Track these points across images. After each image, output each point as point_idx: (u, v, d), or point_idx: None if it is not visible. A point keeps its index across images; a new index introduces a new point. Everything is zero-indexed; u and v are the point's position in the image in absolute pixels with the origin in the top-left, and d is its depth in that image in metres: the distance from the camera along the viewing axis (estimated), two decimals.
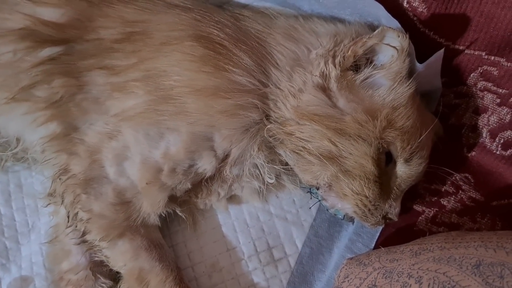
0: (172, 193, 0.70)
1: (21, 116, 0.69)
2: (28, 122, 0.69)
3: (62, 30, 0.68)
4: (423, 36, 0.73)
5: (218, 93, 0.64)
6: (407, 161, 0.67)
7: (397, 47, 0.63)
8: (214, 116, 0.65)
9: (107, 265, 0.70)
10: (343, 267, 0.68)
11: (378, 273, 0.62)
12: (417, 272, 0.57)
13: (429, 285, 0.54)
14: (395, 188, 0.68)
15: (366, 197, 0.66)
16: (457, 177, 0.76)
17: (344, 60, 0.65)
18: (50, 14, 0.68)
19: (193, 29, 0.67)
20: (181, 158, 0.66)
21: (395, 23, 0.67)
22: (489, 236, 0.60)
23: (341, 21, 0.74)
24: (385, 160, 0.66)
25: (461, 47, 0.73)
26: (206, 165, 0.68)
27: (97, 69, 0.67)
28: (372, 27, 0.71)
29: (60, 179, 0.70)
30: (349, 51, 0.65)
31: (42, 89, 0.67)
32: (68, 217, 0.70)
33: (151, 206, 0.68)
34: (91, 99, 0.67)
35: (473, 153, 0.77)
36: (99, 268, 0.72)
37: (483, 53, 0.71)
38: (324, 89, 0.66)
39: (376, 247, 0.74)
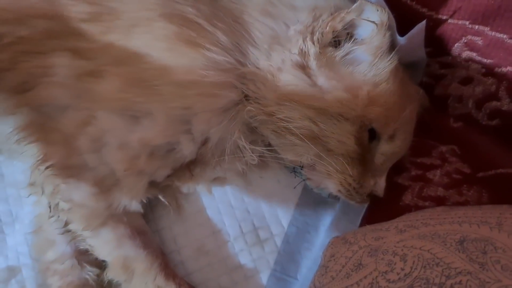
0: (152, 179, 0.68)
1: None
2: None
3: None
4: (405, 7, 0.71)
5: (193, 72, 0.62)
6: (391, 137, 0.65)
7: (376, 22, 0.61)
8: (190, 97, 0.63)
9: (93, 253, 0.70)
10: (329, 246, 0.67)
11: (363, 252, 0.61)
12: (402, 250, 0.56)
13: (413, 263, 0.54)
14: (379, 164, 0.67)
15: (350, 175, 0.65)
16: (443, 149, 0.75)
17: (323, 36, 0.63)
18: None
19: (164, 7, 0.64)
20: (158, 143, 0.64)
21: None
22: (474, 211, 0.59)
23: None
24: (368, 137, 0.65)
25: (444, 17, 0.70)
26: (184, 149, 0.66)
27: (64, 51, 0.64)
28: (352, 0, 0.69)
29: (38, 169, 0.68)
30: (328, 27, 0.63)
31: (6, 77, 0.65)
32: (50, 207, 0.69)
33: (131, 193, 0.66)
34: (58, 83, 0.64)
35: (460, 123, 0.75)
36: (84, 256, 0.72)
37: (467, 22, 0.69)
38: (303, 68, 0.64)
39: (362, 224, 0.73)
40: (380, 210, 0.74)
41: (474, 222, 0.55)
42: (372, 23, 0.61)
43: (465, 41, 0.70)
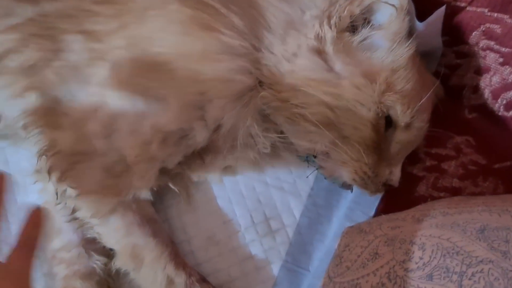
0: (163, 166, 0.67)
1: None
2: (6, 96, 0.65)
3: None
4: None
5: (208, 56, 0.61)
6: (407, 125, 0.64)
7: (395, 5, 0.60)
8: (204, 82, 0.61)
9: (100, 242, 0.68)
10: (343, 236, 0.66)
11: (379, 241, 0.60)
12: (420, 239, 0.55)
13: (432, 252, 0.53)
14: (395, 153, 0.66)
15: (366, 163, 0.64)
16: (458, 140, 0.73)
17: (340, 20, 0.62)
18: None
19: None
20: (171, 129, 0.63)
21: None
22: (493, 200, 0.58)
23: None
24: (384, 125, 0.64)
25: (462, 4, 0.69)
26: (197, 136, 0.65)
27: (76, 33, 0.63)
28: None
29: (46, 155, 0.66)
30: (345, 11, 0.61)
31: (16, 58, 0.64)
32: (57, 194, 0.67)
33: (141, 180, 0.65)
34: (69, 66, 0.63)
35: (475, 114, 0.74)
36: (92, 245, 0.70)
37: (486, 10, 0.68)
38: (320, 52, 0.63)
39: (376, 215, 0.72)
40: (394, 201, 0.73)
41: (494, 211, 0.55)
42: (391, 7, 0.60)
43: (483, 29, 0.69)
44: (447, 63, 0.74)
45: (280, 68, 0.64)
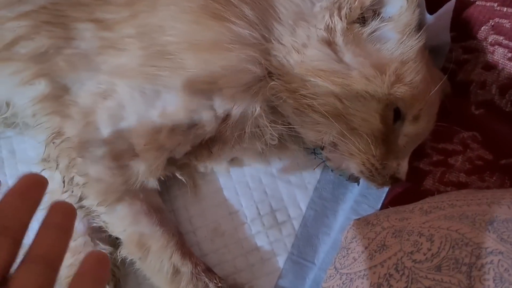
0: (171, 155, 0.67)
1: (8, 77, 0.65)
2: (15, 83, 0.65)
3: None
4: None
5: (218, 45, 0.61)
6: (415, 118, 0.64)
7: None
8: (215, 72, 0.61)
9: (106, 230, 0.68)
10: (350, 228, 0.66)
11: (387, 233, 0.60)
12: (428, 230, 0.55)
13: (441, 243, 0.52)
14: (402, 146, 0.66)
15: (373, 155, 0.63)
16: (464, 135, 0.73)
17: (351, 11, 0.62)
18: None
19: None
20: (180, 118, 0.63)
21: None
22: (502, 193, 0.58)
23: None
24: (393, 117, 0.64)
25: None
26: (206, 125, 0.65)
27: (88, 22, 0.63)
28: None
29: (53, 143, 0.66)
30: (356, 2, 0.61)
31: (27, 45, 0.64)
32: (64, 182, 0.67)
33: (149, 169, 0.65)
34: (80, 54, 0.64)
35: (482, 110, 0.74)
36: (98, 234, 0.70)
37: (495, 4, 0.68)
38: (330, 43, 0.63)
39: (382, 208, 0.72)
40: (401, 195, 0.73)
41: (503, 203, 0.54)
42: None
43: (492, 24, 0.69)
44: (455, 59, 0.74)
45: (289, 58, 0.64)
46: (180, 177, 0.70)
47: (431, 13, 0.64)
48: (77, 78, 0.65)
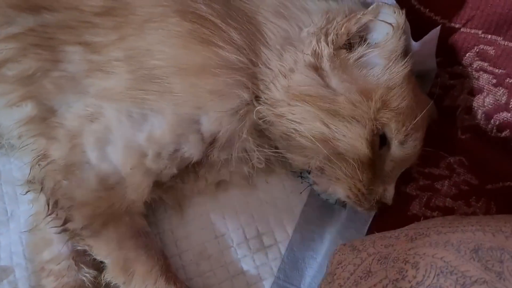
0: (158, 179, 0.66)
1: None
2: (1, 105, 0.65)
3: None
4: (418, 13, 0.71)
5: (206, 70, 0.61)
6: (401, 143, 0.65)
7: (392, 24, 0.61)
8: (202, 96, 0.62)
9: (90, 254, 0.67)
10: (336, 253, 0.66)
11: (373, 259, 0.60)
12: (414, 257, 0.55)
13: (426, 271, 0.52)
14: (389, 171, 0.66)
15: (360, 180, 0.64)
16: (451, 160, 0.74)
17: (337, 37, 0.63)
18: None
19: (178, 4, 0.63)
20: (166, 142, 0.63)
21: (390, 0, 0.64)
22: (487, 220, 0.58)
23: None
24: (379, 143, 0.64)
25: (457, 25, 0.70)
26: (192, 149, 0.64)
27: (75, 44, 0.63)
28: (365, 4, 0.68)
29: (39, 165, 0.66)
30: (343, 28, 0.62)
31: (14, 68, 0.64)
32: (48, 204, 0.66)
33: (135, 193, 0.65)
34: (67, 77, 0.63)
35: (468, 135, 0.75)
36: (82, 257, 0.69)
37: (480, 32, 0.69)
38: (316, 69, 0.63)
39: (369, 233, 0.72)
40: (387, 219, 0.72)
41: (488, 231, 0.54)
42: (388, 26, 0.61)
43: (477, 50, 0.70)
44: (441, 84, 0.75)
45: (276, 83, 0.64)
46: (166, 200, 0.70)
47: (416, 40, 0.65)
48: (64, 100, 0.65)
